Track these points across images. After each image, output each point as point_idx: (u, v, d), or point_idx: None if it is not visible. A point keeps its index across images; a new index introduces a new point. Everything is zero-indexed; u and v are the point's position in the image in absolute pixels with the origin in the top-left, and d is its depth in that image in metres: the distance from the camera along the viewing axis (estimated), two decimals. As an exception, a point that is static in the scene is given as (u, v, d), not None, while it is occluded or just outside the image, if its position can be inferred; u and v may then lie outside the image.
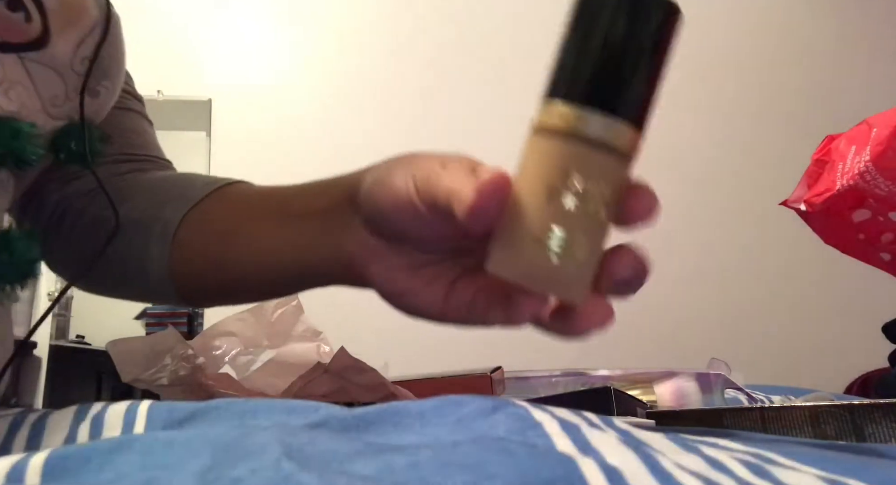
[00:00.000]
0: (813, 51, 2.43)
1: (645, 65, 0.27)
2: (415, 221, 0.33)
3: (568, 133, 0.27)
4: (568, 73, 0.27)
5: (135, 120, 0.56)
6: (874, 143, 0.61)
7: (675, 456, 0.17)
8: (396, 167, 0.35)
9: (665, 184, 1.86)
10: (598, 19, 0.27)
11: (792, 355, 2.06)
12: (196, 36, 2.30)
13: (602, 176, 0.27)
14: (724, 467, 0.17)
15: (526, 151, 0.28)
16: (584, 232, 0.27)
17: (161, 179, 0.51)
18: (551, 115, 0.27)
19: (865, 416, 0.35)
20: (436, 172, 0.32)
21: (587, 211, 0.27)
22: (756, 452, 0.19)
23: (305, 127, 2.24)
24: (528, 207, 0.27)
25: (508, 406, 0.20)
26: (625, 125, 0.27)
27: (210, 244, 0.46)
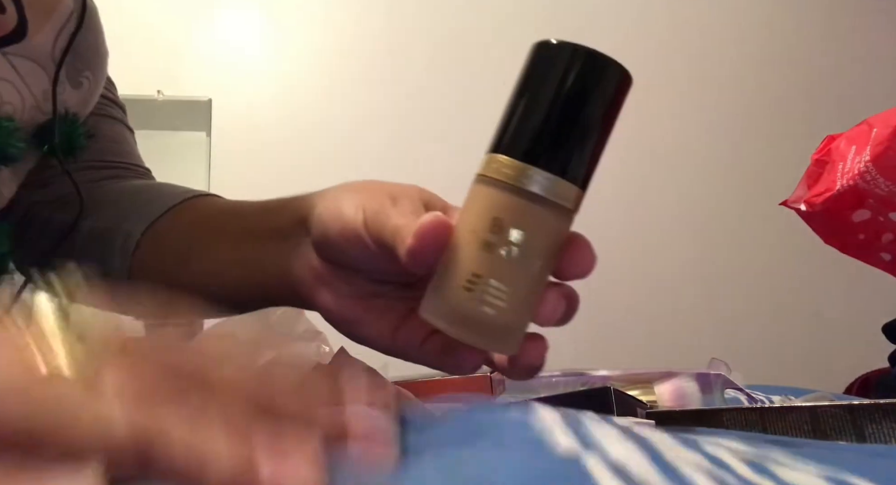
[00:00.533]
0: (813, 51, 2.43)
1: (593, 128, 0.28)
2: (362, 253, 0.33)
3: (510, 185, 0.27)
4: (516, 128, 0.28)
5: (114, 127, 0.55)
6: (874, 143, 0.61)
7: (676, 452, 0.18)
8: (347, 195, 0.35)
9: (665, 184, 1.88)
10: (551, 80, 0.27)
11: (792, 355, 2.06)
12: (196, 36, 2.30)
13: (539, 230, 0.27)
14: (725, 464, 0.17)
15: (468, 199, 0.29)
16: (514, 284, 0.27)
17: (131, 189, 0.51)
18: (496, 167, 0.27)
19: (865, 416, 0.35)
20: (385, 207, 0.32)
21: (521, 263, 0.27)
22: (756, 450, 0.19)
23: (305, 127, 2.24)
24: (460, 253, 0.27)
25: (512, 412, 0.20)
26: (569, 183, 0.27)
27: (167, 260, 0.45)
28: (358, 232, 0.32)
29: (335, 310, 0.36)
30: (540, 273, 0.28)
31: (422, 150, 2.23)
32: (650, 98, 2.34)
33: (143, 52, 2.18)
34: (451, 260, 0.28)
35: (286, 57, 2.33)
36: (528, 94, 0.28)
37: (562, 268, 0.28)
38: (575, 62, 0.27)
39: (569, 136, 0.27)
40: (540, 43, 0.29)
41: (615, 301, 2.09)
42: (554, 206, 0.27)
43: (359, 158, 2.21)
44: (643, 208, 2.23)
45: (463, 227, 0.28)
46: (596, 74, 0.28)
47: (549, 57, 0.28)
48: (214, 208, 0.48)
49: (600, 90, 0.28)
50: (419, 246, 0.28)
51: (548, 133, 0.27)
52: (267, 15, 2.36)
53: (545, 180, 0.27)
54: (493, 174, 0.27)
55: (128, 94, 0.62)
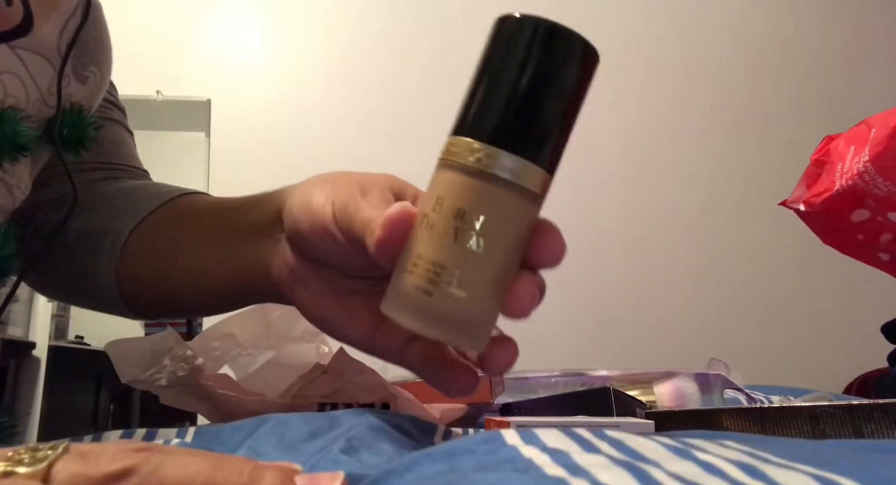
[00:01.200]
0: (813, 51, 2.43)
1: (560, 108, 0.26)
2: (333, 247, 0.32)
3: (473, 169, 0.25)
4: (479, 110, 0.26)
5: (113, 129, 0.55)
6: (873, 143, 0.61)
7: (668, 465, 0.18)
8: (317, 188, 0.34)
9: (664, 184, 1.88)
10: (514, 57, 0.26)
11: (792, 355, 2.06)
12: (196, 36, 2.30)
13: (505, 216, 0.25)
14: (718, 470, 0.17)
15: (430, 185, 0.27)
16: (480, 274, 0.25)
17: (124, 190, 0.51)
18: (459, 150, 0.26)
19: (865, 416, 0.35)
20: (355, 199, 0.31)
21: (486, 252, 0.25)
22: (751, 451, 0.19)
23: (304, 127, 2.24)
24: (421, 242, 0.26)
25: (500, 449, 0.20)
26: (535, 166, 0.26)
27: (153, 259, 0.45)
28: (327, 225, 0.32)
29: (312, 307, 0.36)
30: (507, 262, 0.26)
31: (422, 149, 2.23)
32: (650, 98, 2.34)
33: (143, 52, 2.18)
34: (412, 250, 0.26)
35: (286, 57, 2.33)
36: (490, 72, 0.26)
37: (530, 256, 0.27)
38: (539, 37, 0.25)
39: (534, 116, 0.25)
40: (502, 17, 0.27)
41: (615, 301, 2.09)
42: (520, 190, 0.25)
43: (358, 157, 2.20)
44: (643, 208, 2.23)
45: (424, 214, 0.26)
46: (562, 50, 0.26)
47: (512, 32, 0.26)
48: (200, 206, 0.48)
49: (567, 67, 0.26)
50: (387, 237, 0.27)
51: (512, 113, 0.25)
52: (267, 15, 2.36)
53: (510, 163, 0.25)
54: (455, 158, 0.26)
55: (127, 94, 0.62)
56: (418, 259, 0.26)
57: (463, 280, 0.25)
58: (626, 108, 2.30)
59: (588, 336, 1.89)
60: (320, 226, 0.32)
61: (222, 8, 2.35)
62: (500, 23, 0.27)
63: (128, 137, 0.57)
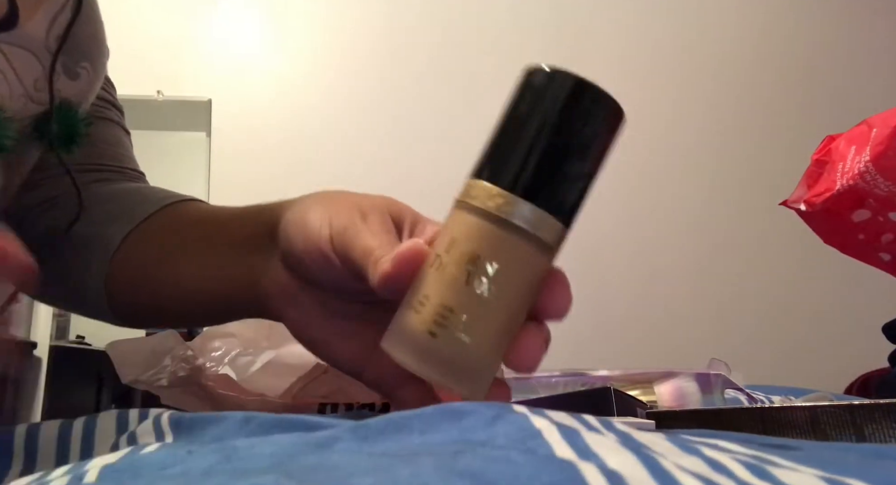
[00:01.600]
0: (813, 51, 2.43)
1: (585, 164, 0.26)
2: (326, 269, 0.32)
3: (494, 215, 0.25)
4: (504, 157, 0.26)
5: (110, 130, 0.53)
6: (874, 143, 0.61)
7: (675, 458, 0.18)
8: (314, 207, 0.33)
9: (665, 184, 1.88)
10: (543, 109, 0.26)
11: (792, 355, 2.06)
12: (196, 36, 2.30)
13: (519, 265, 0.25)
14: (725, 468, 0.17)
15: (445, 225, 0.27)
16: (487, 320, 0.25)
17: (118, 193, 0.49)
18: (478, 194, 0.26)
19: (865, 416, 0.35)
20: (354, 224, 0.30)
21: (496, 299, 0.25)
22: (756, 453, 0.19)
23: (305, 127, 2.24)
24: (431, 284, 0.25)
25: (508, 414, 0.20)
26: (553, 219, 0.25)
27: (143, 268, 0.44)
28: (322, 248, 0.31)
29: (301, 327, 0.35)
30: (515, 312, 0.26)
31: (421, 149, 2.23)
32: (650, 98, 2.34)
33: (143, 52, 2.18)
34: (420, 289, 0.26)
35: (286, 57, 2.33)
36: (517, 121, 0.26)
37: (538, 308, 0.27)
38: (570, 93, 0.26)
39: (559, 170, 0.25)
40: (533, 68, 0.27)
41: (615, 301, 2.09)
42: (537, 241, 0.25)
43: (358, 157, 2.21)
44: (643, 208, 2.23)
45: (436, 255, 0.26)
46: (591, 108, 0.26)
47: (543, 84, 0.26)
48: (194, 215, 0.46)
49: (595, 125, 0.26)
50: (395, 273, 0.26)
51: (537, 165, 0.25)
52: (268, 15, 2.36)
53: (530, 213, 0.25)
54: (474, 201, 0.25)
55: (128, 94, 0.62)
56: (426, 299, 0.25)
57: (470, 325, 0.25)
58: (626, 108, 2.29)
59: (588, 336, 1.89)
60: (315, 248, 0.31)
61: (223, 8, 2.35)
62: (531, 73, 0.27)
63: (124, 138, 0.55)
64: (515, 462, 0.16)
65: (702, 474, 0.16)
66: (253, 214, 0.41)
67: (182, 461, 0.20)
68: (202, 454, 0.20)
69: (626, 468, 0.16)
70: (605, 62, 2.33)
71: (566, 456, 0.17)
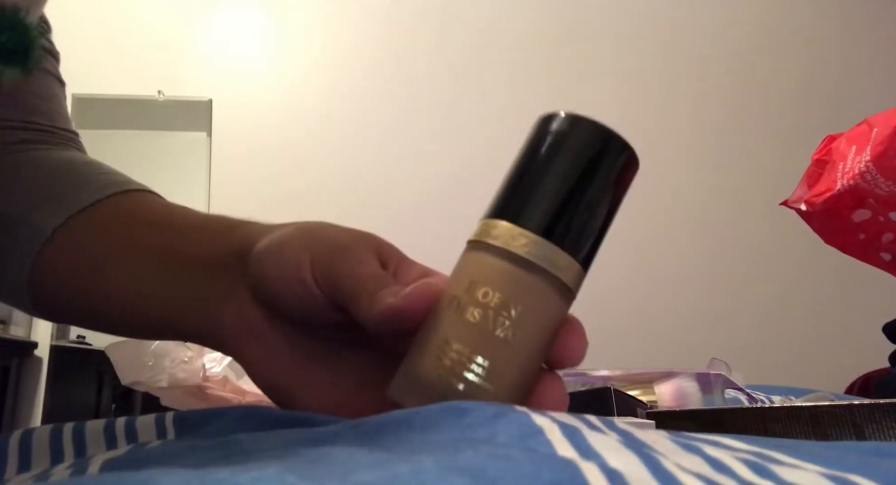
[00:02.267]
0: (813, 50, 2.43)
1: (604, 209, 0.26)
2: (303, 299, 0.29)
3: (519, 257, 0.24)
4: (526, 199, 0.25)
5: (43, 81, 0.45)
6: (874, 143, 0.61)
7: (676, 457, 0.18)
8: (294, 235, 0.30)
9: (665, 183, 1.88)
10: (566, 155, 0.26)
11: (792, 355, 2.06)
12: (196, 36, 2.30)
13: (542, 308, 0.25)
14: (727, 467, 0.17)
15: (461, 266, 0.26)
16: (508, 366, 0.24)
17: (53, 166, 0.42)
18: (503, 234, 0.25)
19: (866, 416, 0.35)
20: (342, 252, 0.28)
21: (517, 343, 0.24)
22: (758, 451, 0.19)
23: (305, 127, 2.24)
24: (449, 326, 0.24)
25: (510, 412, 0.20)
26: (575, 262, 0.25)
27: (78, 268, 0.38)
28: (301, 274, 0.28)
29: (265, 370, 0.31)
30: (534, 357, 0.25)
31: (421, 149, 2.23)
32: (650, 97, 2.34)
33: (143, 52, 2.18)
34: (436, 332, 0.24)
35: (286, 57, 2.33)
36: (542, 165, 0.26)
37: (555, 354, 0.26)
38: (594, 140, 0.26)
39: (582, 215, 0.25)
40: (552, 114, 0.27)
41: (615, 301, 2.09)
42: (560, 285, 0.25)
43: (358, 157, 2.21)
44: (643, 208, 2.23)
45: (454, 296, 0.25)
46: (613, 155, 0.26)
47: (566, 130, 0.26)
48: (146, 213, 0.39)
49: (615, 172, 0.26)
50: (405, 309, 0.25)
51: (563, 208, 0.25)
52: (267, 15, 2.37)
53: (555, 256, 0.24)
54: (496, 242, 0.25)
55: (129, 94, 0.61)
56: (444, 343, 0.24)
57: (492, 371, 0.24)
58: (626, 108, 2.29)
59: (589, 336, 1.89)
60: (293, 274, 0.29)
61: (224, 8, 2.35)
62: (551, 118, 0.27)
63: (58, 90, 0.46)
64: (516, 459, 0.16)
65: (703, 474, 0.16)
66: (219, 229, 0.35)
67: (185, 456, 0.20)
68: (205, 449, 0.20)
69: (627, 468, 0.16)
70: (605, 61, 2.34)
71: (567, 455, 0.17)
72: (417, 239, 2.23)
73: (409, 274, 0.30)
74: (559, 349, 0.25)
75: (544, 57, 2.30)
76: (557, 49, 2.31)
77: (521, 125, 0.28)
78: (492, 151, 2.24)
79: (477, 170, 2.19)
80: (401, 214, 2.13)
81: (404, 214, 2.14)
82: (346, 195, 2.13)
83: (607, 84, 2.33)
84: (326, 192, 2.13)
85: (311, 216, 0.34)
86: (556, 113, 0.26)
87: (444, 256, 0.37)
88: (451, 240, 2.31)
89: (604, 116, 0.27)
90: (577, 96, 2.27)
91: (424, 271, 0.30)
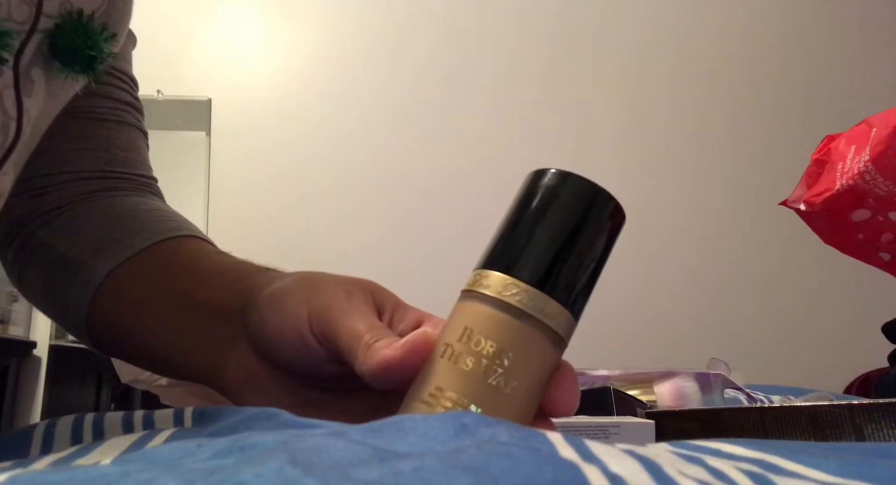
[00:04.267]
0: (813, 50, 2.43)
1: (593, 261, 0.27)
2: (301, 351, 0.29)
3: (513, 306, 0.25)
4: (518, 251, 0.26)
5: (126, 135, 0.49)
6: (874, 143, 0.61)
7: (678, 466, 0.18)
8: (292, 286, 0.31)
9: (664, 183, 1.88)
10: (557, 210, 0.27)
11: (792, 355, 2.06)
12: (196, 36, 2.30)
13: (535, 358, 0.25)
14: (727, 477, 0.17)
15: (455, 316, 0.26)
16: (502, 414, 0.24)
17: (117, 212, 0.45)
18: (495, 284, 0.26)
19: (865, 416, 0.35)
20: (338, 303, 0.29)
21: (512, 392, 0.25)
22: (760, 457, 0.19)
23: (305, 127, 2.24)
24: (443, 374, 0.25)
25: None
26: (567, 312, 0.26)
27: (122, 311, 0.40)
28: (299, 327, 0.29)
29: None
30: (528, 405, 0.26)
31: (422, 149, 2.23)
32: (649, 97, 2.34)
33: (143, 52, 2.17)
34: (430, 380, 0.25)
35: (286, 56, 2.33)
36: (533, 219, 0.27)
37: (547, 403, 0.26)
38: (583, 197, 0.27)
39: (572, 267, 0.26)
40: (544, 170, 0.28)
41: (615, 301, 2.09)
42: (552, 334, 0.25)
43: (358, 157, 2.21)
44: (643, 208, 2.23)
45: (447, 344, 0.25)
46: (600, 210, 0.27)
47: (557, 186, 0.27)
48: (185, 256, 0.42)
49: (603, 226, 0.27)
50: (401, 360, 0.25)
51: (554, 260, 0.26)
52: (268, 14, 2.36)
53: (547, 306, 0.25)
54: (488, 291, 0.26)
55: (128, 93, 0.61)
56: (438, 392, 0.25)
57: None
58: (625, 107, 2.30)
59: (588, 336, 1.89)
60: (291, 327, 0.29)
61: (223, 7, 2.35)
62: (542, 174, 0.28)
63: (140, 141, 0.51)
64: (518, 458, 0.16)
65: (705, 481, 0.16)
66: (234, 276, 0.37)
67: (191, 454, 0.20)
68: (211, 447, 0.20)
69: (629, 473, 0.16)
70: (604, 61, 2.33)
71: (569, 457, 0.17)
72: (417, 239, 2.23)
73: (404, 321, 0.30)
74: (552, 398, 0.26)
75: (545, 56, 2.30)
76: (556, 49, 2.31)
77: (523, 123, 0.28)
78: (492, 151, 2.24)
79: (477, 169, 2.19)
80: (400, 213, 2.13)
81: (404, 214, 2.13)
82: (345, 195, 2.13)
83: (607, 85, 2.32)
84: (326, 192, 2.13)
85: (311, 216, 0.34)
86: (547, 169, 0.28)
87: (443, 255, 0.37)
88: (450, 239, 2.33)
89: (603, 115, 0.27)
90: (577, 97, 2.27)
91: (420, 317, 0.30)
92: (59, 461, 0.22)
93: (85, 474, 0.15)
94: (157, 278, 0.40)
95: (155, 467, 0.17)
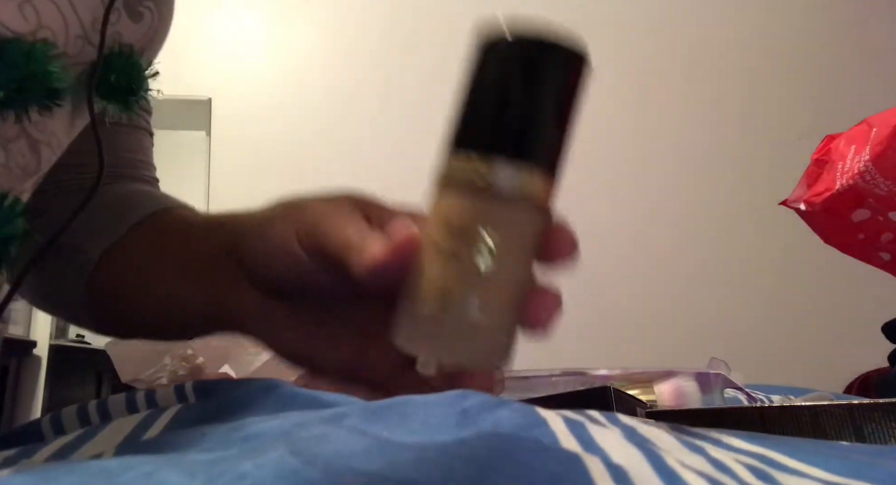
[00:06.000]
0: (813, 50, 2.43)
1: (556, 114, 0.25)
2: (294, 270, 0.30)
3: (479, 185, 0.24)
4: (475, 123, 0.25)
5: (134, 136, 0.50)
6: (874, 142, 0.61)
7: (679, 455, 0.18)
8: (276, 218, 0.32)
9: (664, 183, 1.87)
10: (508, 71, 0.25)
11: (792, 355, 2.06)
12: (196, 36, 2.30)
13: (516, 231, 0.25)
14: (728, 469, 0.17)
15: (433, 208, 0.26)
16: (494, 294, 0.25)
17: (111, 200, 0.46)
18: (460, 166, 0.25)
19: (865, 416, 0.35)
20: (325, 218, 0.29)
21: (498, 270, 0.24)
22: (761, 452, 0.19)
23: (305, 126, 2.24)
24: (431, 269, 0.25)
25: (512, 402, 0.20)
26: (535, 172, 0.25)
27: (124, 286, 0.41)
28: (288, 246, 0.30)
29: (282, 345, 0.33)
30: (522, 277, 0.25)
31: (422, 149, 2.23)
32: (650, 97, 2.34)
33: (143, 52, 2.18)
34: (422, 277, 0.25)
35: (287, 56, 2.33)
36: (483, 86, 0.26)
37: (547, 255, 0.26)
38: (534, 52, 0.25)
39: (533, 123, 0.25)
40: (481, 33, 0.26)
41: (615, 301, 2.09)
42: (527, 200, 0.25)
43: (359, 157, 2.21)
44: (643, 207, 2.23)
45: (428, 239, 0.25)
46: (549, 61, 0.25)
47: (501, 47, 0.25)
48: (175, 220, 0.43)
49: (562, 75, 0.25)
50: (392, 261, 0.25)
51: (510, 122, 0.25)
52: (268, 14, 2.36)
53: (514, 171, 0.24)
54: (455, 175, 0.25)
55: (128, 93, 0.61)
56: (430, 285, 0.25)
57: (481, 305, 0.24)
58: (625, 107, 2.29)
59: (588, 336, 1.89)
60: (281, 249, 0.30)
61: (223, 7, 2.35)
62: (481, 39, 0.26)
63: (146, 142, 0.52)
64: (520, 451, 0.16)
65: (705, 472, 0.16)
66: (214, 226, 0.38)
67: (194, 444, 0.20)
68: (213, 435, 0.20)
69: (630, 464, 0.16)
70: (604, 59, 2.33)
71: (571, 447, 0.17)
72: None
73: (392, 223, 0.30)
74: (548, 253, 0.25)
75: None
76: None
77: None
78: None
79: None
80: (400, 213, 2.13)
81: (404, 214, 2.13)
82: (345, 195, 2.13)
83: (607, 83, 2.33)
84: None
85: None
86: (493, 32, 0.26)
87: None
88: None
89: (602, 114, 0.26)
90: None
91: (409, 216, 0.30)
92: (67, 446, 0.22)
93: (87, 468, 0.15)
94: (153, 245, 0.41)
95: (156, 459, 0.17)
